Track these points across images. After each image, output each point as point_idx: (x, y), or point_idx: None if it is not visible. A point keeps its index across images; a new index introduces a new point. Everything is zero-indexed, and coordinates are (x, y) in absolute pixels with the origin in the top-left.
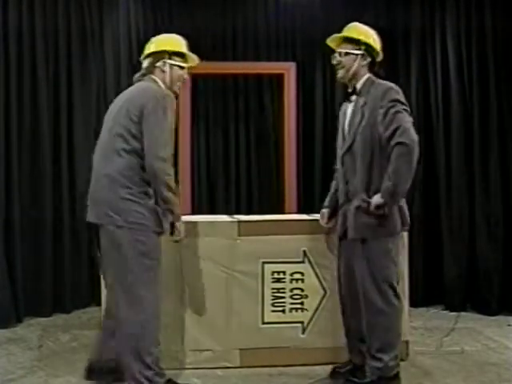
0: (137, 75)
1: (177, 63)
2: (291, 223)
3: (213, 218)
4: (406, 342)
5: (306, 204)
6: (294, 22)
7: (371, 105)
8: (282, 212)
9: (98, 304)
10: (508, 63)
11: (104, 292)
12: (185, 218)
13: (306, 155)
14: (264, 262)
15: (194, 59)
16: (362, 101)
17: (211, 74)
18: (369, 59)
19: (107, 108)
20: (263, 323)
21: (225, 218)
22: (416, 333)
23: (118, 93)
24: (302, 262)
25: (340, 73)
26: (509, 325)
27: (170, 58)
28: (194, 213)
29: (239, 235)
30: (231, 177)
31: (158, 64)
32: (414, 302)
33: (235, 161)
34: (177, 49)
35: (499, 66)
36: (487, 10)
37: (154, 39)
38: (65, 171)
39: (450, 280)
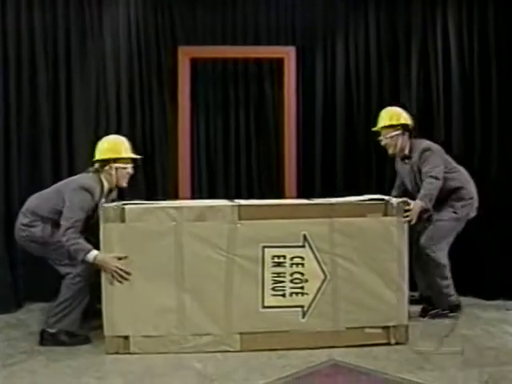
0: (89, 169)
1: (121, 165)
2: (291, 207)
3: (213, 202)
4: (406, 327)
5: (306, 189)
6: (294, 6)
7: (416, 163)
8: (282, 197)
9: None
10: (510, 49)
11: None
12: (185, 202)
13: (306, 140)
14: (264, 247)
15: (133, 155)
16: (412, 161)
17: (211, 58)
18: (407, 132)
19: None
20: (263, 307)
21: (225, 202)
22: (415, 318)
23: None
24: (303, 246)
25: (390, 150)
26: (507, 309)
27: (114, 162)
28: (194, 198)
29: (239, 219)
30: (231, 162)
31: (106, 168)
32: (414, 287)
33: (235, 145)
34: (119, 155)
35: (501, 52)
36: None
37: (101, 145)
38: (64, 158)
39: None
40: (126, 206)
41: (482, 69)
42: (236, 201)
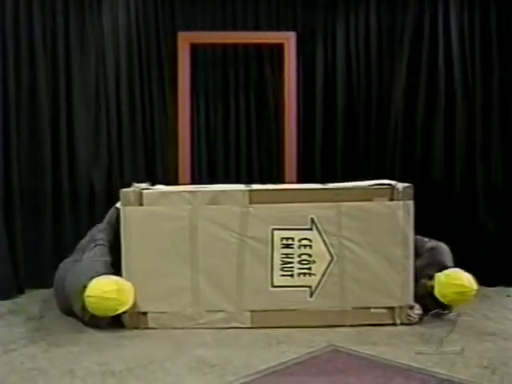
0: None
1: None
2: (300, 192)
3: (225, 187)
4: (411, 308)
5: (306, 175)
6: None
7: None
8: (283, 183)
9: None
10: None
11: None
12: (198, 186)
13: (307, 126)
14: (274, 229)
15: None
16: None
17: (210, 43)
18: None
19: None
20: (273, 286)
21: (237, 186)
22: None
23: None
24: (310, 229)
25: None
26: (508, 296)
27: None
28: (193, 183)
29: (250, 203)
30: (231, 148)
31: None
32: None
33: (235, 131)
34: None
35: (502, 36)
36: None
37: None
38: (64, 142)
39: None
40: (144, 191)
41: (483, 54)
42: (247, 185)
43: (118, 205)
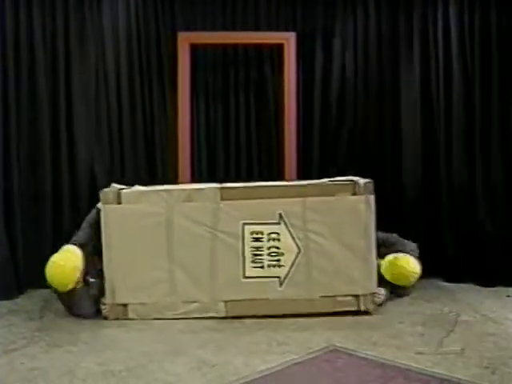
0: None
1: None
2: (268, 188)
3: (199, 186)
4: (373, 295)
5: (306, 174)
6: None
7: None
8: (282, 181)
9: None
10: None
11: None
12: (175, 186)
13: (306, 126)
14: (244, 224)
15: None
16: None
17: (210, 43)
18: None
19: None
20: (244, 277)
21: (210, 185)
22: (415, 303)
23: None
24: (278, 223)
25: None
26: (508, 296)
27: None
28: (194, 183)
29: (222, 200)
30: (231, 147)
31: None
32: None
33: (235, 131)
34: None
35: (502, 35)
36: None
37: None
38: (64, 142)
39: (449, 251)
40: (122, 190)
41: (483, 54)
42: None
43: (98, 205)
